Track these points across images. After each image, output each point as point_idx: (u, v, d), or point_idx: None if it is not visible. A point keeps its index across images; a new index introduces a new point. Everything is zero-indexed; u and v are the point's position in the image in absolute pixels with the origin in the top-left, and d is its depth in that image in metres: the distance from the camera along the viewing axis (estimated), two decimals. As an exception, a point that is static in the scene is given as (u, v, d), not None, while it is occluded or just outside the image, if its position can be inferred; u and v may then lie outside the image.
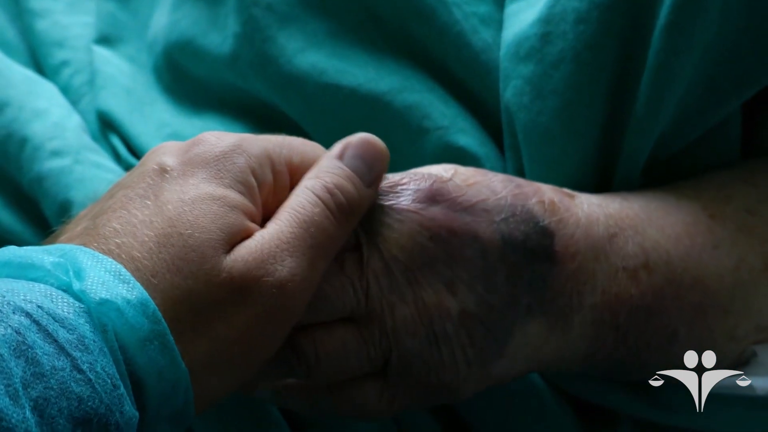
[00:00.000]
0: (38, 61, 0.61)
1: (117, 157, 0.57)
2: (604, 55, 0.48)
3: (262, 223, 0.42)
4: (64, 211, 0.53)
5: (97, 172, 0.54)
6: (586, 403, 0.52)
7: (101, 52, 0.61)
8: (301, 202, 0.42)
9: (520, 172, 0.51)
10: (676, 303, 0.47)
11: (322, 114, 0.54)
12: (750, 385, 0.47)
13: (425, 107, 0.52)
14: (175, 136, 0.56)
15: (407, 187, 0.44)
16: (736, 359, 0.49)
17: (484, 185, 0.45)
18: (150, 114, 0.58)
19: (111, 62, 0.60)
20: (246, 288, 0.38)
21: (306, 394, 0.45)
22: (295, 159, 0.44)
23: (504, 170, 0.52)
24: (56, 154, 0.54)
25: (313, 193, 0.42)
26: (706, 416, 0.49)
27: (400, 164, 0.53)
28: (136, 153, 0.57)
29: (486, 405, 0.50)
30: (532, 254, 0.45)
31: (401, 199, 0.44)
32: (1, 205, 0.56)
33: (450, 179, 0.45)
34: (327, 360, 0.43)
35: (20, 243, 0.55)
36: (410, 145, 0.52)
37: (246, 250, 0.39)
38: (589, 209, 0.47)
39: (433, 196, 0.44)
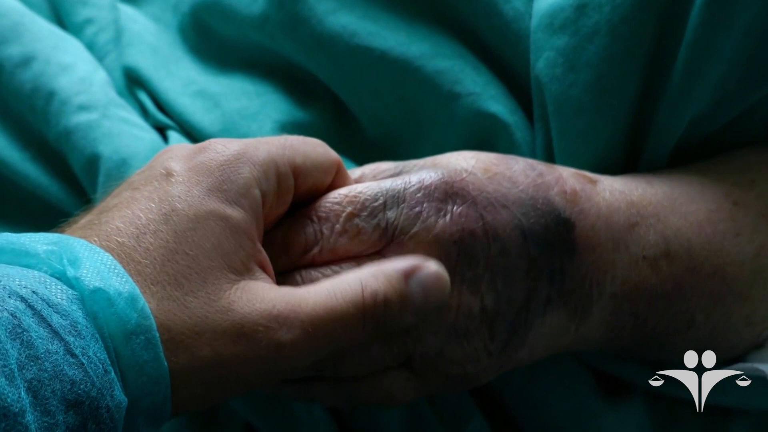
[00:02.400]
0: (61, 19, 0.61)
1: (144, 113, 0.57)
2: (640, 29, 0.47)
3: (265, 228, 0.42)
4: (92, 165, 0.53)
5: (125, 127, 0.54)
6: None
7: (127, 10, 0.61)
8: (344, 291, 0.41)
9: (548, 144, 0.50)
10: (695, 291, 0.46)
11: (352, 76, 0.53)
12: (762, 371, 0.46)
13: (456, 73, 0.52)
14: (202, 94, 0.56)
15: (429, 189, 0.44)
16: (751, 343, 0.49)
17: (504, 177, 0.45)
18: (176, 72, 0.58)
19: (137, 20, 0.60)
20: (241, 327, 0.38)
21: (331, 387, 0.45)
22: (298, 160, 0.43)
23: (532, 140, 0.51)
24: (84, 108, 0.54)
25: (362, 291, 0.41)
26: (720, 392, 0.49)
27: (430, 129, 0.53)
28: (164, 109, 0.57)
29: (509, 370, 0.50)
30: (552, 247, 0.44)
31: (425, 204, 0.44)
32: (28, 159, 0.56)
33: (470, 172, 0.44)
34: (350, 358, 0.44)
35: (48, 197, 0.56)
36: (441, 110, 0.52)
37: (258, 294, 0.39)
38: (611, 197, 0.46)
39: (454, 197, 0.44)
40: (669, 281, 0.46)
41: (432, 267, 0.42)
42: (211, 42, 0.59)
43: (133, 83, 0.58)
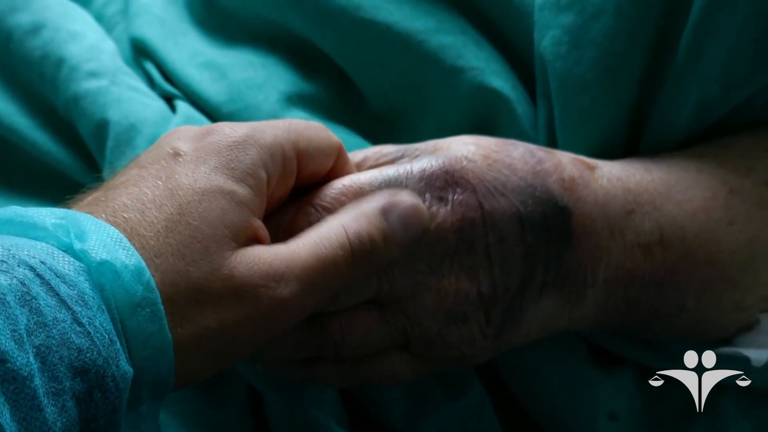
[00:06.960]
0: None
1: (151, 83, 0.57)
2: (646, 8, 0.47)
3: (266, 215, 0.43)
4: (101, 130, 0.53)
5: (134, 94, 0.54)
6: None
7: None
8: (329, 238, 0.42)
9: (550, 122, 0.50)
10: (688, 277, 0.47)
11: (356, 49, 0.54)
12: (747, 358, 0.47)
13: (459, 48, 0.52)
14: (209, 65, 0.56)
15: (431, 179, 0.45)
16: (741, 326, 0.49)
17: (504, 164, 0.45)
18: (183, 44, 0.58)
19: None
20: (243, 291, 0.39)
21: (335, 368, 0.46)
22: (302, 144, 0.44)
23: (534, 116, 0.52)
24: (93, 75, 0.54)
25: (345, 234, 0.42)
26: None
27: (433, 103, 0.53)
28: (171, 80, 0.57)
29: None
30: (549, 234, 0.45)
31: (426, 195, 0.45)
32: (36, 127, 0.57)
33: (470, 159, 0.45)
34: (352, 340, 0.45)
35: (56, 164, 0.56)
36: (444, 84, 0.52)
37: (255, 256, 0.40)
38: (609, 184, 0.47)
39: (454, 186, 0.45)
40: (662, 268, 0.47)
41: (407, 200, 0.44)
42: (218, 15, 0.59)
43: (140, 54, 0.58)
